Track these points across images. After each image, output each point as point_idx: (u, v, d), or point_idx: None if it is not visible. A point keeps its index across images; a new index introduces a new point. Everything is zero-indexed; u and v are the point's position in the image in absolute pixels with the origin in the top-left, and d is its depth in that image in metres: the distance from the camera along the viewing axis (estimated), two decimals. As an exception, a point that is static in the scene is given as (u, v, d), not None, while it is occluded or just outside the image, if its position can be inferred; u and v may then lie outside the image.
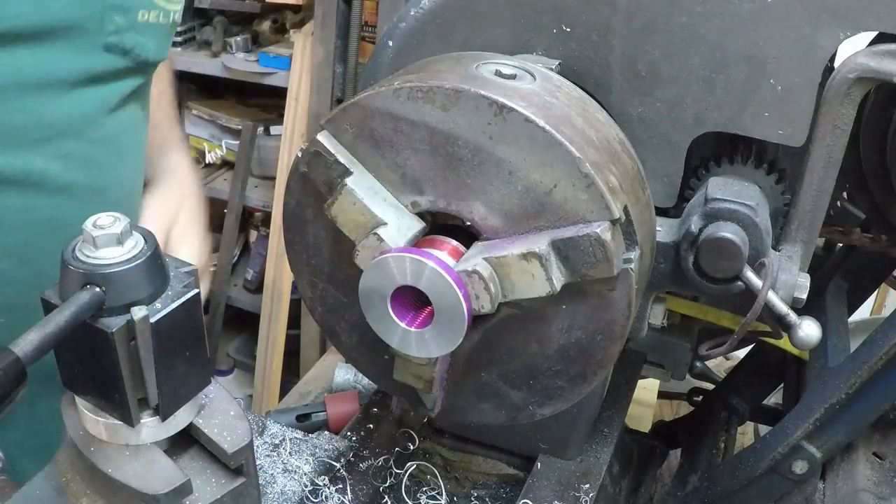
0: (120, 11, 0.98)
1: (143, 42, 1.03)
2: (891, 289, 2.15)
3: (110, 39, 0.99)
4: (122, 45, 1.00)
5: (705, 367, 1.24)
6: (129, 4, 0.99)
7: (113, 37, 0.99)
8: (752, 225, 0.75)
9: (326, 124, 0.70)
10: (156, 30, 1.05)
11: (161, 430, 0.62)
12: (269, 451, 0.95)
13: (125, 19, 0.99)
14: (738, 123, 0.77)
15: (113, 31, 0.99)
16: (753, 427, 1.63)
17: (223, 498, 0.64)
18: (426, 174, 0.68)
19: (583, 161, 0.64)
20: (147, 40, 1.04)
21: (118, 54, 1.01)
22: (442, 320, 0.66)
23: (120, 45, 1.00)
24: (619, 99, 0.80)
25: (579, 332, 0.71)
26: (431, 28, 0.83)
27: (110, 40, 0.99)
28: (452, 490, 0.98)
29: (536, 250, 0.64)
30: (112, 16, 0.98)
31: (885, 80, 0.72)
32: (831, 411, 0.92)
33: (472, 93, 0.64)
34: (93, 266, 0.55)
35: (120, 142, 1.08)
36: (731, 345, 0.80)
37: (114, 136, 1.06)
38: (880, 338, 0.88)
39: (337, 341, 0.83)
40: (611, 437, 1.03)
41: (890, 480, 0.94)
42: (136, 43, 1.02)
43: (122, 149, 1.10)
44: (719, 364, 1.97)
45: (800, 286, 0.79)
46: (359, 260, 0.69)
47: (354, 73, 2.46)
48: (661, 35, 0.76)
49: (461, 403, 0.79)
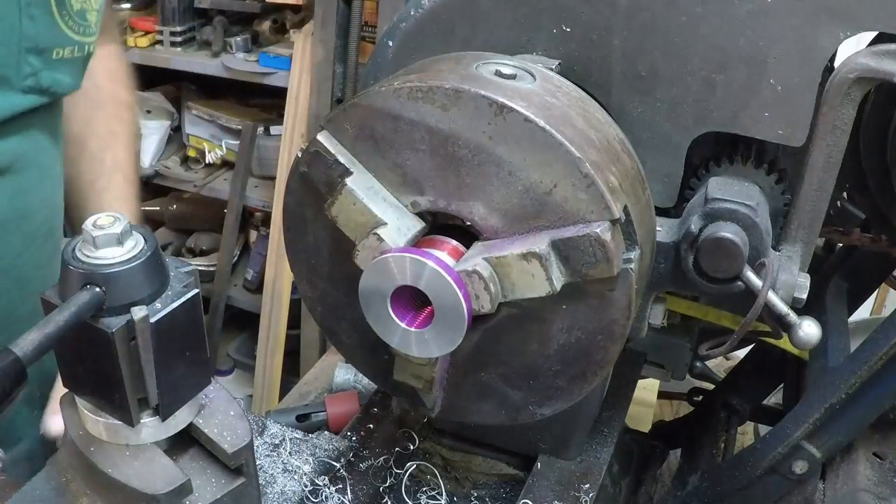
0: (35, 53, 0.99)
1: (60, 78, 1.04)
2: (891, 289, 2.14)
3: (27, 82, 1.00)
4: (39, 85, 1.01)
5: (705, 367, 1.24)
6: (44, 45, 0.99)
7: (30, 79, 1.00)
8: (752, 225, 0.75)
9: (326, 124, 0.70)
10: (71, 64, 1.05)
11: (161, 430, 0.62)
12: (269, 451, 0.94)
13: (40, 60, 1.00)
14: (738, 123, 0.77)
15: (30, 74, 0.99)
16: (753, 427, 1.63)
17: (223, 498, 0.64)
18: (426, 174, 0.68)
19: (583, 161, 0.63)
20: (63, 76, 1.05)
21: (36, 94, 1.01)
22: (442, 320, 0.66)
23: (37, 86, 1.01)
24: (619, 99, 0.80)
25: (579, 332, 0.71)
26: (431, 28, 0.83)
27: (27, 83, 1.00)
28: (452, 490, 0.98)
29: (536, 250, 0.64)
30: (28, 59, 0.98)
31: (885, 80, 0.72)
32: (831, 411, 0.92)
33: (472, 93, 0.64)
34: (93, 266, 0.55)
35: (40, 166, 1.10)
36: (731, 345, 0.80)
37: (34, 163, 1.08)
38: (880, 338, 0.88)
39: (337, 341, 0.83)
40: (611, 437, 1.03)
41: (890, 480, 0.94)
42: (53, 81, 1.03)
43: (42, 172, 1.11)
44: (719, 364, 1.97)
45: (800, 286, 0.79)
46: (359, 260, 0.69)
47: (354, 73, 2.46)
48: (661, 35, 0.76)
49: (461, 403, 0.79)
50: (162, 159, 3.09)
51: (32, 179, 1.08)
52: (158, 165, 3.05)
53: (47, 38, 0.99)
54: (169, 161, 3.08)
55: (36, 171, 1.09)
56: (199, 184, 3.00)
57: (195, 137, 3.02)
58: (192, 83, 3.09)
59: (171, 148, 3.16)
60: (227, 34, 2.80)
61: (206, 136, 3.00)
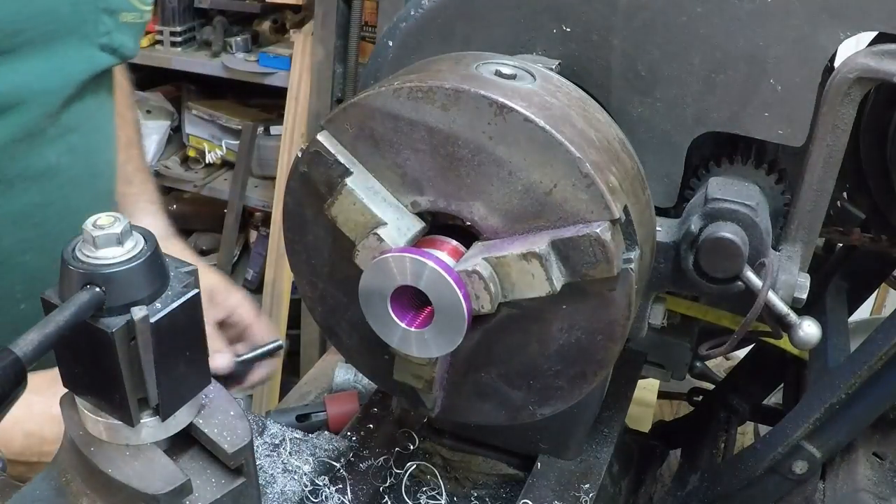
0: (108, 13, 1.07)
1: (126, 41, 1.13)
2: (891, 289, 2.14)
3: (103, 40, 1.08)
4: (111, 44, 1.10)
5: (705, 367, 1.24)
6: (114, 7, 1.08)
7: (105, 37, 1.08)
8: (752, 225, 0.75)
9: (326, 124, 0.70)
10: (134, 29, 1.14)
11: (161, 430, 0.62)
12: (269, 451, 0.94)
13: (112, 21, 1.08)
14: (738, 123, 0.77)
15: (105, 32, 1.08)
16: (753, 427, 1.63)
17: (223, 498, 0.64)
18: (426, 174, 0.68)
19: (583, 161, 0.63)
20: (128, 39, 1.13)
21: (109, 53, 1.10)
22: (442, 320, 0.66)
23: (110, 44, 1.09)
24: (619, 99, 0.80)
25: (579, 332, 0.71)
26: (431, 28, 0.83)
27: (103, 41, 1.08)
28: (452, 490, 0.98)
29: (536, 250, 0.64)
30: (103, 18, 1.07)
31: (885, 80, 0.72)
32: (831, 411, 0.92)
33: (472, 93, 0.64)
34: (93, 266, 0.55)
35: (107, 129, 1.19)
36: (731, 345, 0.80)
37: (102, 125, 1.18)
38: (880, 338, 0.88)
39: (337, 341, 0.83)
40: (611, 437, 1.03)
41: (890, 480, 0.94)
42: (121, 42, 1.11)
43: (107, 134, 1.20)
44: (719, 364, 1.97)
45: (800, 286, 0.79)
46: (359, 260, 0.69)
47: (354, 73, 2.46)
48: (661, 35, 0.76)
49: (461, 403, 0.79)
50: (162, 159, 3.10)
51: (101, 141, 1.18)
52: (158, 165, 3.06)
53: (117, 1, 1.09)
54: (169, 161, 3.09)
55: (103, 134, 1.18)
56: (199, 184, 3.01)
57: (195, 137, 3.03)
58: (192, 83, 3.09)
59: (171, 148, 3.17)
60: (227, 34, 2.80)
61: (206, 136, 3.00)
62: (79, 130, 1.10)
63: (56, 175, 1.08)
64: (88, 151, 1.14)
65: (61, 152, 1.08)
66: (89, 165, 1.14)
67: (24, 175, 1.04)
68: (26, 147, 1.02)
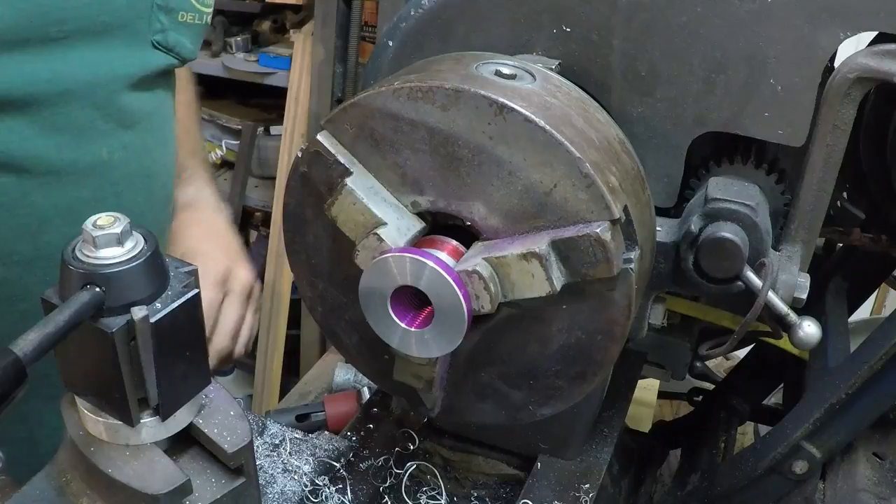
0: (164, 11, 1.07)
1: (182, 41, 1.11)
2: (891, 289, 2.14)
3: (157, 38, 1.07)
4: (166, 43, 1.09)
5: (705, 367, 1.24)
6: (172, 5, 1.07)
7: (159, 35, 1.07)
8: (752, 225, 0.75)
9: (326, 124, 0.70)
10: (192, 29, 1.13)
11: (161, 430, 0.62)
12: (269, 451, 0.94)
13: (168, 19, 1.07)
14: (738, 123, 0.77)
15: (159, 30, 1.07)
16: (753, 427, 1.63)
17: (223, 498, 0.64)
18: (426, 174, 0.68)
19: (583, 161, 0.64)
20: (185, 39, 1.12)
21: (163, 51, 1.09)
22: (442, 320, 0.66)
23: (164, 43, 1.08)
24: (619, 99, 0.80)
25: (579, 332, 0.71)
26: (431, 28, 0.83)
27: (157, 38, 1.07)
28: (452, 490, 0.98)
29: (536, 250, 0.64)
30: (158, 15, 1.06)
31: (885, 80, 0.72)
32: (831, 411, 0.92)
33: (472, 93, 0.64)
34: (93, 266, 0.55)
35: (163, 130, 1.18)
36: (731, 345, 0.80)
37: (159, 126, 1.16)
38: (880, 338, 0.88)
39: (337, 341, 0.83)
40: (611, 437, 1.03)
41: (890, 480, 0.94)
42: (177, 42, 1.10)
43: (165, 136, 1.19)
44: (719, 364, 1.97)
45: (800, 286, 0.79)
46: (359, 260, 0.69)
47: (354, 73, 2.46)
48: (661, 35, 0.76)
49: (461, 403, 0.79)
50: (162, 159, 3.09)
51: (157, 141, 1.16)
52: (158, 165, 3.05)
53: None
54: (169, 161, 3.08)
55: (159, 135, 1.16)
56: (199, 184, 3.00)
57: (195, 137, 3.02)
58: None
59: (171, 148, 3.16)
60: (227, 34, 2.80)
61: (206, 135, 3.00)
62: (133, 129, 1.09)
63: (107, 171, 1.06)
64: (143, 151, 1.12)
65: (113, 148, 1.06)
66: (144, 166, 1.13)
67: (73, 169, 1.02)
68: (74, 139, 1.01)
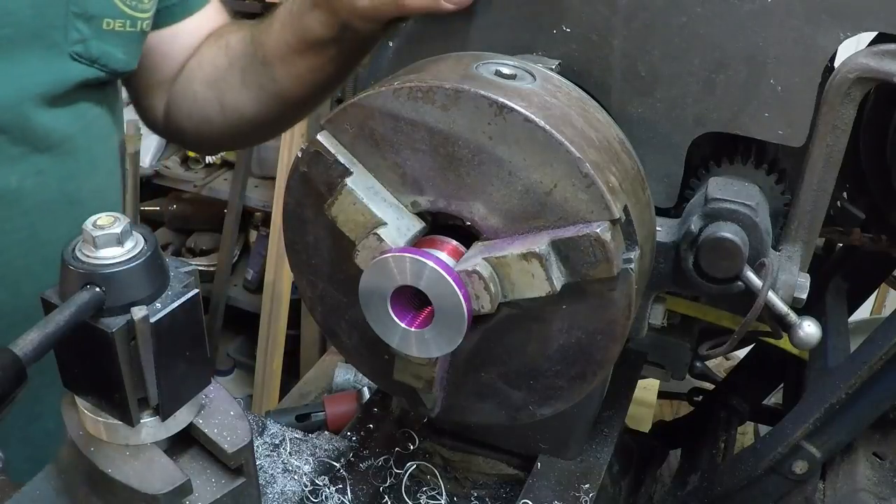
0: (83, 19, 0.97)
1: (110, 51, 1.01)
2: (891, 289, 2.14)
3: (76, 48, 0.97)
4: (88, 54, 0.99)
5: (705, 367, 1.24)
6: (92, 12, 0.97)
7: (79, 45, 0.97)
8: (752, 225, 0.75)
9: (326, 124, 0.70)
10: (123, 38, 1.03)
11: (161, 430, 0.62)
12: (269, 451, 0.95)
13: (90, 27, 0.98)
14: (738, 123, 0.77)
15: (78, 40, 0.97)
16: (753, 427, 1.63)
17: (223, 498, 0.64)
18: (426, 174, 0.68)
19: (583, 161, 0.64)
20: (114, 49, 1.02)
21: (85, 63, 0.99)
22: (442, 320, 0.66)
23: (86, 54, 0.99)
24: (619, 99, 0.80)
25: (579, 332, 0.71)
26: (431, 28, 0.83)
27: (76, 49, 0.97)
28: (452, 490, 0.98)
29: (536, 250, 0.64)
30: (76, 24, 0.96)
31: (885, 80, 0.72)
32: (831, 411, 0.92)
33: (472, 93, 0.64)
34: (93, 266, 0.55)
35: (92, 153, 1.07)
36: (731, 345, 0.80)
37: (86, 148, 1.05)
38: (880, 338, 0.88)
39: (337, 341, 0.83)
40: (611, 437, 1.03)
41: (890, 480, 0.94)
42: (103, 52, 1.00)
43: (95, 160, 1.08)
44: (719, 364, 1.97)
45: (800, 286, 0.79)
46: (359, 260, 0.69)
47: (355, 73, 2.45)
48: (661, 35, 0.76)
49: (461, 403, 0.79)
50: (162, 159, 3.09)
51: (83, 165, 1.05)
52: (158, 165, 3.06)
53: (96, 5, 0.98)
54: (169, 161, 3.08)
55: (87, 158, 1.06)
56: (199, 184, 3.00)
57: (195, 137, 3.02)
58: (193, 83, 3.08)
59: (172, 148, 3.16)
60: (228, 34, 2.79)
61: (206, 136, 3.00)
62: (50, 152, 0.99)
63: (17, 200, 0.97)
64: (65, 176, 1.02)
65: (25, 175, 0.96)
66: (66, 192, 1.02)
67: None
68: None
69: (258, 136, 1.33)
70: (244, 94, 1.14)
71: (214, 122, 1.19)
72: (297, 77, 1.08)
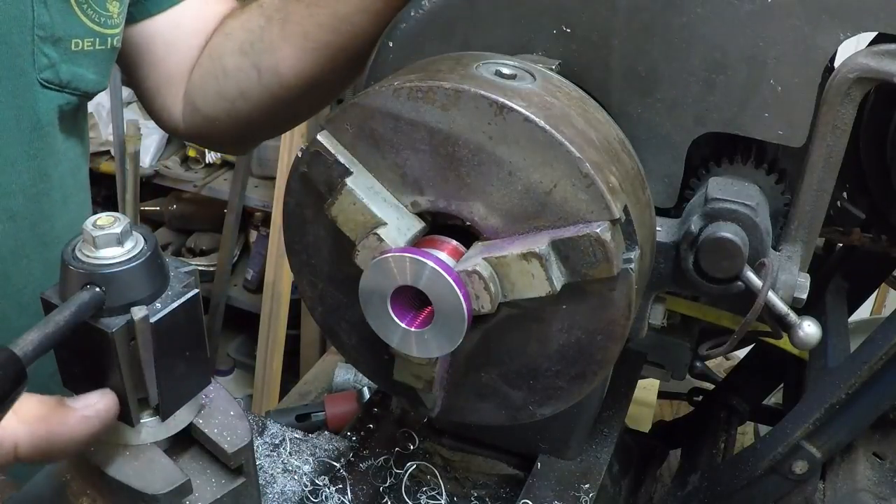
0: (50, 43, 0.90)
1: (81, 73, 0.95)
2: (891, 289, 2.15)
3: (45, 75, 0.91)
4: (58, 79, 0.93)
5: (705, 367, 1.24)
6: (59, 34, 0.91)
7: (47, 71, 0.91)
8: (752, 225, 0.75)
9: (326, 124, 0.70)
10: (94, 57, 0.96)
11: (161, 430, 0.62)
12: (269, 451, 0.95)
13: (58, 51, 0.92)
14: (738, 124, 0.77)
15: (47, 66, 0.91)
16: (753, 427, 1.63)
17: (223, 498, 0.64)
18: (426, 174, 0.68)
19: (583, 161, 0.64)
20: (85, 70, 0.96)
21: (55, 90, 0.93)
22: (442, 320, 0.66)
23: (55, 80, 0.93)
24: (619, 99, 0.80)
25: (579, 332, 0.71)
26: (431, 28, 0.83)
27: (45, 76, 0.91)
28: (452, 490, 0.98)
29: (536, 250, 0.64)
30: (43, 48, 0.90)
31: (885, 80, 0.72)
32: (831, 411, 0.92)
33: (472, 93, 0.64)
34: (93, 266, 0.55)
35: (65, 188, 1.02)
36: (731, 345, 0.80)
37: (59, 185, 0.99)
38: (880, 338, 0.88)
39: (337, 341, 0.83)
40: (611, 437, 1.03)
41: (890, 480, 0.94)
42: (74, 75, 0.94)
43: (66, 196, 1.02)
44: (719, 364, 1.97)
45: (800, 286, 0.79)
46: (359, 260, 0.69)
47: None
48: (661, 35, 0.76)
49: (461, 403, 0.79)
50: (162, 159, 3.10)
51: (56, 203, 0.99)
52: (158, 165, 3.06)
53: (63, 27, 0.91)
54: (169, 161, 3.09)
55: (60, 195, 1.00)
56: (199, 184, 3.01)
57: (195, 137, 3.02)
58: (193, 83, 3.08)
59: (172, 148, 3.16)
60: (228, 34, 2.79)
61: (206, 136, 3.00)
62: (22, 194, 0.92)
63: None
64: (38, 219, 0.96)
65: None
66: (39, 234, 0.96)
67: None
68: None
69: (296, 107, 1.15)
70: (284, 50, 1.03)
71: (251, 94, 1.08)
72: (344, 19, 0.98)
